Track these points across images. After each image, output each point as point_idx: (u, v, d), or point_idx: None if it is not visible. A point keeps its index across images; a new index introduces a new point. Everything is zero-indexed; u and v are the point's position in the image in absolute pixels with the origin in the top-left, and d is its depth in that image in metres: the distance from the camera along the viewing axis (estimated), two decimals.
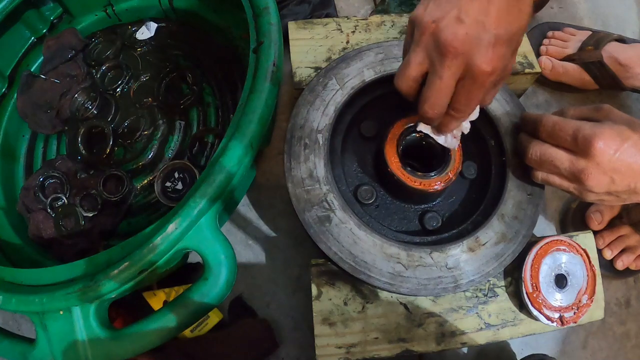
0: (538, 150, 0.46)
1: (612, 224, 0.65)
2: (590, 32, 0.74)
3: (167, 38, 0.72)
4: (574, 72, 0.72)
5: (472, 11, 0.34)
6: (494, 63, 0.35)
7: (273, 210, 0.67)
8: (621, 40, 0.71)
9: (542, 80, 0.76)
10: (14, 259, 0.58)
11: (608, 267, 0.65)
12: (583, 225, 0.66)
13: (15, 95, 0.69)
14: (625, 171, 0.41)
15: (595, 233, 0.64)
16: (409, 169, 0.48)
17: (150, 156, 0.63)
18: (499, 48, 0.35)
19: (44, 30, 0.72)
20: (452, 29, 0.34)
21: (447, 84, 0.36)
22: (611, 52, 0.68)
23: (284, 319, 0.62)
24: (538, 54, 0.75)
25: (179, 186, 0.60)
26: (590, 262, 0.51)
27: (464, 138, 0.46)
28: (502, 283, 0.51)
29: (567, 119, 0.45)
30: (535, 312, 0.49)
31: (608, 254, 0.64)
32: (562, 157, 0.43)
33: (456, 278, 0.46)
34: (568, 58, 0.73)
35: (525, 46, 0.63)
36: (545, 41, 0.76)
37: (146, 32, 0.72)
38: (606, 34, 0.72)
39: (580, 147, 0.42)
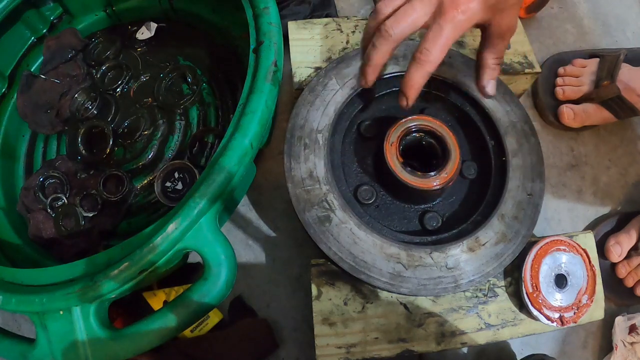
0: None
1: (629, 255, 0.65)
2: (598, 58, 0.72)
3: (167, 38, 0.72)
4: (595, 113, 0.70)
5: None
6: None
7: (273, 210, 0.67)
8: (626, 55, 0.69)
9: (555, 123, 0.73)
10: (14, 259, 0.58)
11: (630, 296, 0.65)
12: (602, 256, 0.66)
13: (15, 95, 0.69)
14: None
15: (616, 264, 0.65)
16: (409, 169, 0.48)
17: (150, 156, 0.63)
18: None
19: (44, 30, 0.72)
20: None
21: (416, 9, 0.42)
22: (627, 82, 0.66)
23: (284, 319, 0.62)
24: (551, 93, 0.73)
25: (179, 186, 0.60)
26: (590, 262, 0.51)
27: (464, 138, 0.46)
28: (502, 283, 0.51)
29: None
30: (535, 312, 0.49)
31: (630, 281, 0.64)
32: None
33: (456, 278, 0.46)
34: (585, 97, 0.70)
35: (525, 46, 0.63)
36: (559, 80, 0.73)
37: (146, 32, 0.72)
38: (613, 54, 0.70)
39: None
